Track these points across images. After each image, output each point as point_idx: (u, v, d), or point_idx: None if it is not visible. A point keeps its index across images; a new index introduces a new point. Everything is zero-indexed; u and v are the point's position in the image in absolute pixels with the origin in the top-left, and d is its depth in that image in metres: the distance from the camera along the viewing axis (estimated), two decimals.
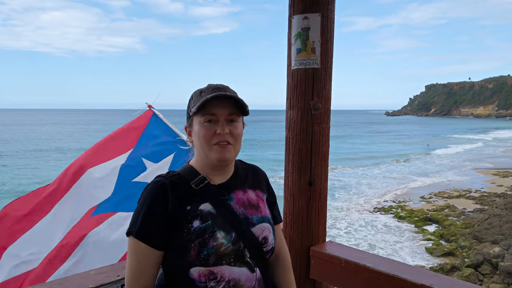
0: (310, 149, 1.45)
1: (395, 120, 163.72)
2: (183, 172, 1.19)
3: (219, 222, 1.14)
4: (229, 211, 1.17)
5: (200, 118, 1.15)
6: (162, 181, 1.15)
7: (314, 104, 1.41)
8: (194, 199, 1.14)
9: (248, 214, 1.20)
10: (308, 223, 1.46)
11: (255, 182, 1.31)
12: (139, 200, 1.15)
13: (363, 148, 47.88)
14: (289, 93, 1.48)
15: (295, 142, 1.47)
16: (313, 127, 1.45)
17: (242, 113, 1.19)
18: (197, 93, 1.20)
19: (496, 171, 29.61)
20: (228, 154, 1.15)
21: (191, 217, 1.11)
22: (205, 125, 1.14)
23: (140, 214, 1.10)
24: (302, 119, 1.45)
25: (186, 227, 1.10)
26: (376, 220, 17.72)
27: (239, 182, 1.25)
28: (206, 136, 1.14)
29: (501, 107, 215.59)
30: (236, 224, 1.16)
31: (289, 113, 1.48)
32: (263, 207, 1.26)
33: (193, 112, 1.14)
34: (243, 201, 1.22)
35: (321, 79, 1.43)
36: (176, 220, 1.10)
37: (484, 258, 12.90)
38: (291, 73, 1.47)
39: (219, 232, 1.13)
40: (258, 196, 1.28)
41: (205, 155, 1.16)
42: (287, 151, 1.52)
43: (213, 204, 1.15)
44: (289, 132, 1.49)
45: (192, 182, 1.16)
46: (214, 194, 1.17)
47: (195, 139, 1.19)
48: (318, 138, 1.46)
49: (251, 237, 1.18)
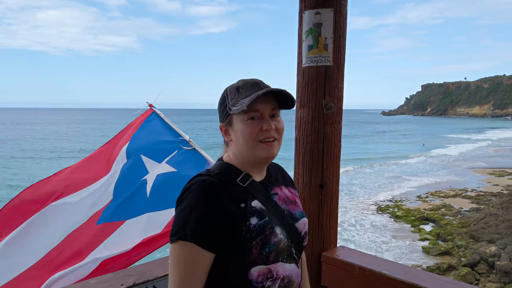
0: (321, 150, 1.38)
1: (391, 120, 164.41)
2: (223, 170, 1.16)
3: (273, 218, 1.12)
4: (276, 207, 1.16)
5: (243, 116, 1.12)
6: (211, 179, 1.10)
7: (326, 103, 1.35)
8: (245, 197, 1.12)
9: (290, 209, 1.21)
10: (319, 227, 1.40)
11: (285, 179, 1.32)
12: (184, 201, 1.08)
13: (358, 148, 47.97)
14: (299, 92, 1.41)
15: (305, 143, 1.40)
16: (325, 127, 1.39)
17: (286, 107, 1.18)
18: (232, 90, 1.17)
19: (492, 171, 29.78)
20: (275, 150, 1.15)
21: (249, 214, 1.08)
22: (249, 123, 1.12)
23: (193, 215, 1.04)
24: (313, 119, 1.39)
25: (245, 225, 1.06)
26: (372, 219, 17.73)
27: (274, 179, 1.26)
28: (253, 134, 1.11)
29: (497, 106, 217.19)
30: (285, 220, 1.16)
31: (299, 112, 1.41)
32: (299, 203, 1.28)
33: (236, 111, 1.11)
34: (283, 197, 1.22)
35: (334, 77, 1.37)
36: (233, 219, 1.06)
37: (480, 257, 12.95)
38: (302, 71, 1.40)
39: (277, 228, 1.11)
40: (292, 192, 1.29)
41: (250, 153, 1.13)
42: (297, 153, 1.46)
43: (262, 201, 1.13)
44: (299, 133, 1.43)
45: (238, 180, 1.14)
46: (261, 191, 1.16)
47: (237, 137, 1.15)
48: (330, 138, 1.40)
49: (296, 232, 1.19)
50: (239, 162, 1.17)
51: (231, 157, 1.19)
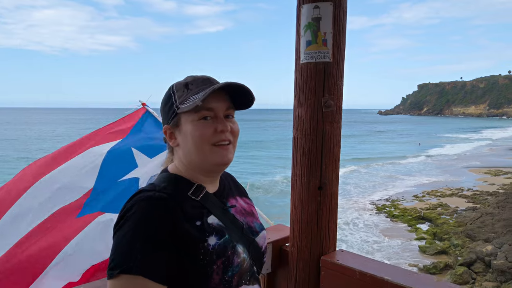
0: (320, 150, 1.33)
1: (387, 119, 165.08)
2: (170, 183, 1.00)
3: (233, 235, 1.00)
4: (235, 222, 1.04)
5: (193, 116, 0.97)
6: (158, 195, 0.93)
7: (326, 101, 1.30)
8: (200, 212, 0.97)
9: (249, 222, 1.10)
10: (318, 230, 1.35)
11: (239, 189, 1.20)
12: (126, 225, 0.88)
13: (355, 148, 48.11)
14: (297, 90, 1.36)
15: (304, 143, 1.35)
16: (324, 126, 1.33)
17: (242, 107, 1.04)
18: (180, 86, 1.02)
19: (488, 170, 29.94)
20: (230, 155, 1.02)
21: (206, 233, 0.94)
22: (201, 123, 0.98)
23: (139, 241, 0.85)
24: (312, 117, 1.33)
25: (202, 247, 0.91)
26: (368, 219, 17.74)
27: (228, 189, 1.13)
28: (205, 136, 0.97)
29: (492, 106, 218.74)
30: (245, 235, 1.05)
31: (297, 111, 1.36)
32: (256, 214, 1.18)
33: (186, 109, 0.96)
34: (240, 209, 1.10)
35: (333, 74, 1.31)
36: (188, 241, 0.90)
37: (477, 256, 13.00)
38: (300, 67, 1.35)
39: (239, 246, 0.98)
40: (248, 203, 1.18)
41: (201, 159, 0.99)
42: (294, 153, 1.40)
43: (219, 216, 1.00)
44: (297, 132, 1.37)
45: (190, 193, 0.99)
46: (217, 204, 1.03)
47: (185, 141, 1.00)
48: (329, 138, 1.34)
49: (257, 247, 1.08)
50: (189, 171, 1.02)
51: (178, 167, 1.04)
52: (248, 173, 29.14)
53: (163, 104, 1.07)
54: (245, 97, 1.03)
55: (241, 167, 31.39)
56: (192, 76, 1.04)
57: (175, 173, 1.04)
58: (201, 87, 1.00)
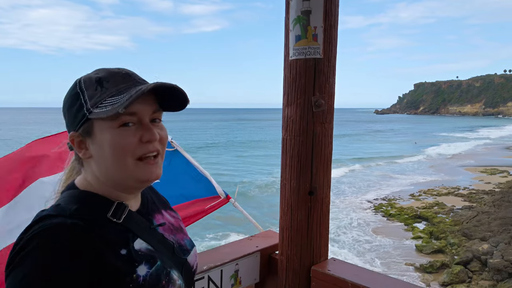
0: (311, 152, 1.24)
1: (384, 119, 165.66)
2: (83, 203, 0.79)
3: (165, 259, 0.84)
4: (165, 243, 0.88)
5: (111, 122, 0.77)
6: (69, 222, 0.72)
7: (316, 100, 1.21)
8: (124, 237, 0.79)
9: (180, 240, 0.94)
10: (308, 238, 1.26)
11: (161, 201, 1.01)
12: (23, 264, 0.66)
13: (351, 147, 48.19)
14: (286, 88, 1.27)
15: (293, 144, 1.26)
16: (314, 127, 1.24)
17: (171, 109, 0.85)
18: (91, 83, 0.80)
19: (484, 169, 30.05)
20: (159, 170, 0.83)
21: (135, 262, 0.76)
22: (122, 131, 0.78)
23: (45, 285, 0.65)
24: (302, 117, 1.24)
25: (131, 281, 0.74)
26: (365, 218, 17.72)
27: (152, 203, 0.95)
28: (127, 148, 0.78)
29: (488, 105, 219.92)
30: (177, 256, 0.89)
31: (286, 111, 1.27)
32: (185, 228, 1.01)
33: (102, 115, 0.75)
34: (168, 226, 0.94)
35: (324, 71, 1.23)
36: (113, 275, 0.73)
37: (473, 255, 12.99)
38: (289, 64, 1.26)
39: (173, 272, 0.83)
40: (174, 216, 1.01)
41: (124, 176, 0.80)
42: (284, 155, 1.32)
43: (146, 239, 0.82)
44: (286, 133, 1.29)
45: (109, 215, 0.79)
46: (143, 224, 0.85)
47: (101, 153, 0.79)
48: (320, 139, 1.25)
49: (189, 268, 0.93)
50: (105, 187, 0.82)
51: (91, 181, 0.83)
52: (245, 172, 29.05)
53: (67, 105, 0.83)
54: (177, 98, 0.84)
55: (237, 166, 31.30)
56: (105, 70, 0.83)
57: (87, 189, 0.83)
58: (121, 86, 0.80)
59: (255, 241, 1.45)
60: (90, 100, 0.78)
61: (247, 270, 1.34)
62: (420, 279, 11.99)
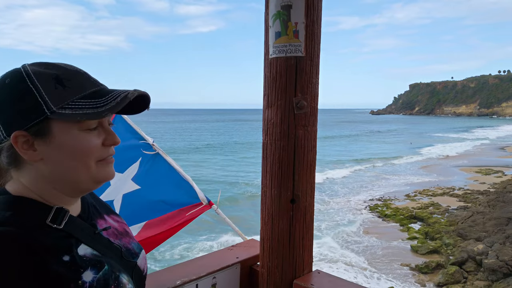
0: (293, 157, 1.16)
1: (380, 119, 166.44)
2: (18, 209, 0.75)
3: (113, 263, 0.81)
4: (111, 247, 0.85)
5: (74, 124, 0.75)
6: (4, 231, 0.69)
7: (298, 101, 1.12)
8: (67, 243, 0.75)
9: (126, 244, 0.92)
10: (290, 250, 1.17)
11: (103, 206, 0.98)
12: None
13: (346, 148, 48.29)
14: (266, 89, 1.18)
15: (274, 149, 1.17)
16: (296, 130, 1.15)
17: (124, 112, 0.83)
18: (46, 78, 0.75)
19: (479, 169, 30.19)
20: (113, 170, 0.84)
21: (80, 268, 0.73)
22: (86, 135, 0.77)
23: None
24: (283, 120, 1.15)
25: (75, 287, 0.71)
26: (360, 219, 17.70)
27: (94, 208, 0.92)
28: (92, 151, 0.77)
29: (483, 106, 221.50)
30: (125, 260, 0.87)
31: (266, 113, 1.18)
32: (131, 232, 0.99)
33: (84, 118, 0.73)
34: (112, 230, 0.91)
35: (306, 71, 1.14)
36: (56, 284, 0.69)
37: (468, 255, 13.01)
38: (269, 63, 1.17)
39: (123, 276, 0.81)
40: (118, 221, 0.97)
41: (84, 178, 0.78)
42: (264, 161, 1.22)
43: (91, 244, 0.79)
44: (266, 137, 1.20)
45: (48, 220, 0.75)
46: (87, 229, 0.82)
47: (58, 156, 0.76)
48: (303, 144, 1.16)
49: (139, 272, 0.91)
50: (46, 191, 0.78)
51: (28, 186, 0.78)
52: (241, 172, 28.94)
53: (8, 99, 0.75)
54: (139, 106, 0.83)
55: (230, 169, 31.16)
56: (57, 66, 0.78)
57: (22, 194, 0.77)
58: (87, 88, 0.77)
59: (236, 252, 1.36)
60: (51, 100, 0.73)
61: (225, 284, 1.25)
62: (416, 279, 11.97)
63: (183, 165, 33.07)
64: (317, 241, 14.52)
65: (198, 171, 29.14)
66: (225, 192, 22.34)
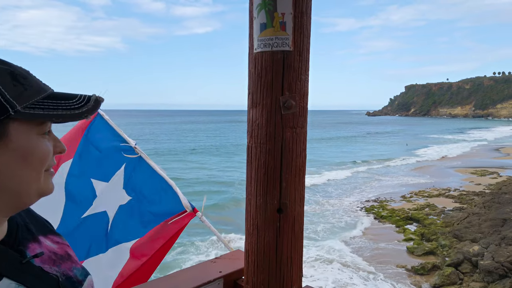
0: (279, 162, 1.04)
1: (376, 120, 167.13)
2: None
3: None
4: (43, 277, 0.71)
5: (33, 128, 0.66)
6: None
7: (285, 101, 1.01)
8: None
9: (67, 270, 0.78)
10: (277, 264, 1.06)
11: (39, 224, 0.82)
12: None
13: (342, 150, 48.39)
14: (251, 86, 1.06)
15: (259, 153, 1.06)
16: (283, 132, 1.04)
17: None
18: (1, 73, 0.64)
19: (474, 170, 30.29)
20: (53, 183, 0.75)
21: None
22: (42, 139, 0.68)
23: None
24: (269, 121, 1.04)
25: None
26: (356, 220, 17.64)
27: (24, 229, 0.77)
28: (46, 159, 0.69)
29: (478, 107, 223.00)
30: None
31: (251, 113, 1.06)
32: (74, 255, 0.84)
33: (55, 117, 0.66)
34: (48, 255, 0.77)
35: (295, 67, 1.03)
36: None
37: (464, 256, 12.98)
38: (253, 58, 1.05)
39: None
40: (58, 242, 0.82)
41: (31, 188, 0.67)
42: (249, 166, 1.11)
43: (15, 276, 0.64)
44: (251, 140, 1.08)
45: None
46: (11, 258, 0.67)
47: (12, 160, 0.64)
48: (291, 147, 1.05)
49: None
50: None
51: None
52: (231, 171, 28.78)
53: None
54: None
55: (215, 174, 30.92)
56: (5, 62, 0.67)
57: None
58: (44, 88, 0.70)
59: (219, 265, 1.24)
60: (14, 97, 0.63)
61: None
62: (411, 281, 11.91)
63: (173, 168, 32.71)
64: (313, 243, 14.41)
65: (187, 174, 28.90)
66: (222, 194, 22.18)
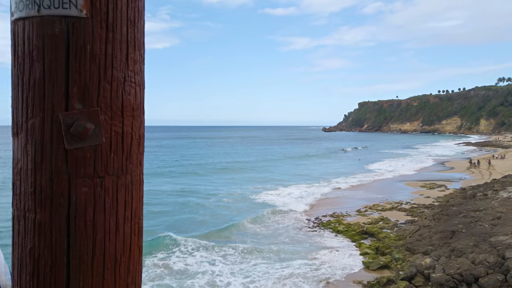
0: (65, 248, 0.49)
1: (332, 136, 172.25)
2: None
3: None
4: None
5: None
6: None
7: (71, 121, 0.46)
8: None
9: None
10: None
11: None
12: None
13: (298, 167, 48.85)
14: (13, 91, 0.52)
15: (25, 231, 0.50)
16: (71, 188, 0.48)
17: None
18: None
19: (423, 183, 31.57)
20: None
21: None
22: None
23: None
24: (37, 165, 0.47)
25: None
26: (312, 236, 17.37)
27: None
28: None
29: (425, 123, 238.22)
30: None
31: (14, 146, 0.52)
32: None
33: None
34: None
35: (95, 51, 0.49)
36: None
37: (417, 270, 13.07)
38: (13, 33, 0.51)
39: None
40: None
41: None
42: (14, 251, 0.55)
43: None
44: (14, 202, 0.53)
45: None
46: None
47: None
48: (90, 219, 0.49)
49: None
50: None
51: None
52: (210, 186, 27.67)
53: None
54: None
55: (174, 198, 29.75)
56: None
57: None
58: None
59: None
60: None
61: None
62: None
63: None
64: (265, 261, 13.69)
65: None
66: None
